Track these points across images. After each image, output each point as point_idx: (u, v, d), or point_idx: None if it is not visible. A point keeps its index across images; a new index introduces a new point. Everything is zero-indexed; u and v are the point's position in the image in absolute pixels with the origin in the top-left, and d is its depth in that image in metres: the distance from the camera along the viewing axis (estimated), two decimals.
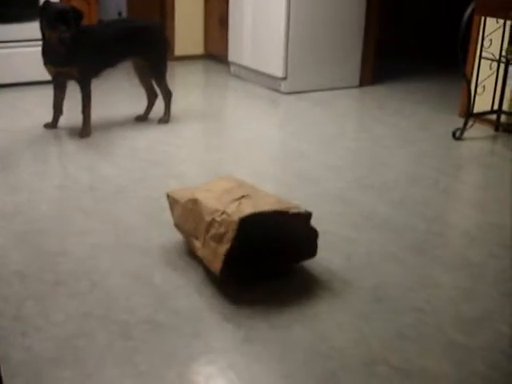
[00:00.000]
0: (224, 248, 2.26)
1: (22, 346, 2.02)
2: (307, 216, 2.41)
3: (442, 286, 2.47)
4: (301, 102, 5.10)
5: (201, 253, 2.42)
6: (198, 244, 2.44)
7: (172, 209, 2.67)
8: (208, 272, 2.46)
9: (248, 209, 2.30)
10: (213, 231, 2.33)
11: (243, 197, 2.40)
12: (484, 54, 4.31)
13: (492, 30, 4.29)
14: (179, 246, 2.68)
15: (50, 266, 2.51)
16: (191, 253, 2.58)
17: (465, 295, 2.41)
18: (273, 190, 2.90)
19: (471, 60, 4.56)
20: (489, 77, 4.39)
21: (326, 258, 2.61)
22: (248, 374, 1.94)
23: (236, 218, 2.25)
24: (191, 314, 2.22)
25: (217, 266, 2.28)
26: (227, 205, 2.35)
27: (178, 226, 2.63)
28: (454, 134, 4.26)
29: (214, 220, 2.34)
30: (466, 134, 4.26)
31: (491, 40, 4.29)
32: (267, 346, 2.06)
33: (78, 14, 3.84)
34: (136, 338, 2.09)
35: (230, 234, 2.25)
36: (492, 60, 4.29)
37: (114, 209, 3.03)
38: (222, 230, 2.30)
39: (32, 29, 4.44)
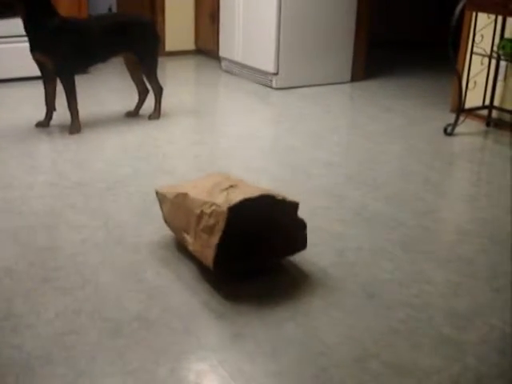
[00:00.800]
0: (215, 239, 2.25)
1: (12, 343, 2.01)
2: (294, 205, 2.41)
3: (434, 282, 2.47)
4: (292, 98, 5.09)
5: (192, 247, 2.41)
6: (189, 239, 2.43)
7: (161, 205, 2.66)
8: (200, 268, 2.45)
9: (236, 198, 2.29)
10: (203, 223, 2.33)
11: (231, 186, 2.41)
12: (475, 50, 4.32)
13: (483, 25, 4.29)
14: (170, 242, 2.67)
15: (39, 262, 2.50)
16: (182, 248, 2.57)
17: (456, 290, 2.41)
18: (264, 185, 2.90)
19: (463, 55, 4.56)
20: (480, 72, 4.39)
21: (318, 253, 2.61)
22: (239, 371, 1.93)
23: (225, 207, 2.25)
24: (183, 311, 2.22)
25: (209, 257, 2.28)
26: (216, 196, 2.35)
27: (168, 222, 2.62)
28: (445, 130, 4.27)
29: (203, 212, 2.33)
30: (458, 130, 4.27)
31: (482, 35, 4.30)
32: (259, 343, 2.06)
33: None
34: (127, 335, 2.08)
35: (221, 224, 2.24)
36: (483, 55, 4.29)
37: (104, 205, 3.02)
38: (211, 221, 2.29)
39: (16, 25, 4.41)
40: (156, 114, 4.39)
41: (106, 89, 5.15)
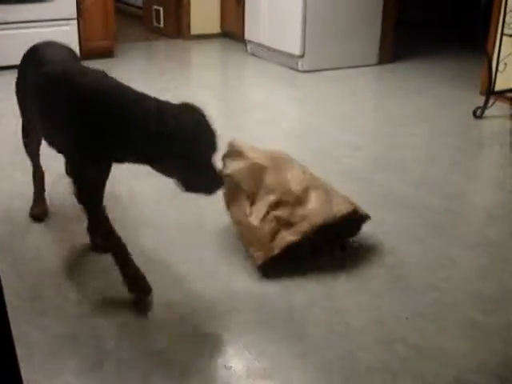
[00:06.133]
0: (291, 238, 2.29)
1: (39, 324, 2.03)
2: (364, 219, 2.48)
3: (461, 265, 2.44)
4: (319, 80, 5.05)
5: (250, 220, 2.37)
6: (249, 210, 2.40)
7: (230, 156, 2.55)
8: (226, 249, 2.46)
9: (330, 210, 2.36)
10: (283, 213, 2.34)
11: (315, 187, 2.45)
12: (506, 31, 4.22)
13: None
14: (197, 224, 2.68)
15: (69, 244, 2.52)
16: (226, 208, 2.51)
17: (484, 274, 2.38)
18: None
19: (493, 36, 4.47)
20: (510, 54, 4.30)
21: None
22: (265, 353, 1.93)
23: (321, 220, 2.31)
24: (208, 294, 2.22)
25: (269, 250, 2.29)
26: (302, 194, 2.39)
27: (231, 176, 2.47)
28: (474, 113, 4.20)
29: (286, 202, 2.36)
30: (487, 113, 4.19)
31: None
32: (284, 326, 2.06)
33: None
34: (152, 318, 2.09)
35: (307, 231, 2.30)
36: None
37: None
38: (294, 219, 2.32)
39: None
40: None
41: (132, 71, 5.16)
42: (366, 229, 2.66)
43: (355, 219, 2.45)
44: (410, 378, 1.84)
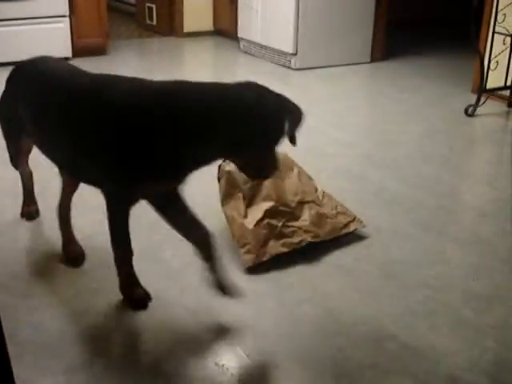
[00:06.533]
0: (282, 250, 2.35)
1: (30, 322, 2.03)
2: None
3: (453, 263, 2.45)
4: (311, 78, 5.05)
5: (244, 222, 2.38)
6: (244, 211, 2.40)
7: None
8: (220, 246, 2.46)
9: (319, 229, 2.44)
10: (277, 222, 2.38)
11: (313, 202, 2.50)
12: (497, 29, 4.24)
13: (506, 4, 4.21)
14: None
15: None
16: (221, 205, 2.48)
17: (475, 272, 2.39)
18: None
19: (484, 35, 4.48)
20: (502, 52, 4.32)
21: None
22: (256, 350, 1.93)
23: (310, 237, 2.40)
24: (200, 291, 2.22)
25: (259, 255, 2.33)
26: (296, 206, 2.44)
27: (231, 174, 2.44)
28: (466, 111, 4.21)
29: (281, 212, 2.40)
30: (479, 111, 4.20)
31: (505, 14, 4.21)
32: (276, 323, 2.06)
33: None
34: (144, 314, 2.08)
35: (296, 243, 2.38)
36: (505, 35, 4.22)
37: None
38: (286, 231, 2.38)
39: None
40: None
41: (125, 68, 5.14)
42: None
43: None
44: (400, 375, 1.84)
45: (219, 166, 2.49)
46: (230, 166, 2.45)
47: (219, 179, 2.50)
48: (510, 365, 1.91)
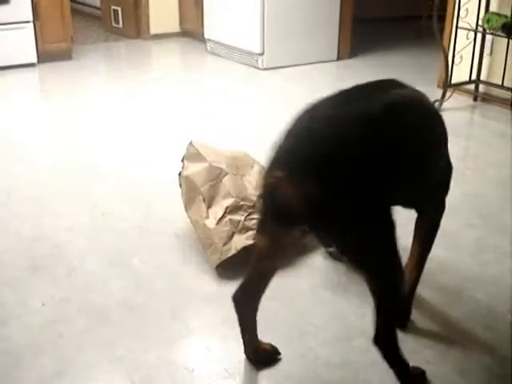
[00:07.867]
0: (247, 242, 2.30)
1: (0, 335, 2.01)
2: None
3: None
4: (279, 78, 5.06)
5: (206, 223, 2.38)
6: (205, 212, 2.40)
7: (189, 158, 2.56)
8: (188, 251, 2.45)
9: None
10: (239, 217, 2.35)
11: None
12: (461, 24, 4.29)
13: None
14: (157, 227, 2.67)
15: (25, 251, 2.49)
16: (185, 210, 2.50)
17: (442, 266, 2.42)
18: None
19: (448, 30, 4.54)
20: (466, 47, 4.37)
21: None
22: (227, 354, 1.94)
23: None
24: (169, 296, 2.22)
25: (223, 253, 2.31)
26: (258, 201, 2.38)
27: (189, 179, 2.48)
28: None
29: (242, 206, 2.38)
30: (445, 105, 4.25)
31: (467, 9, 4.27)
32: None
33: None
34: (114, 321, 2.08)
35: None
36: (469, 30, 4.27)
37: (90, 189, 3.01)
38: (250, 224, 2.34)
39: None
40: None
41: (91, 73, 5.11)
42: None
43: None
44: (371, 369, 1.86)
45: (179, 174, 2.50)
46: (188, 171, 2.46)
47: (180, 186, 2.51)
48: (477, 357, 1.93)
